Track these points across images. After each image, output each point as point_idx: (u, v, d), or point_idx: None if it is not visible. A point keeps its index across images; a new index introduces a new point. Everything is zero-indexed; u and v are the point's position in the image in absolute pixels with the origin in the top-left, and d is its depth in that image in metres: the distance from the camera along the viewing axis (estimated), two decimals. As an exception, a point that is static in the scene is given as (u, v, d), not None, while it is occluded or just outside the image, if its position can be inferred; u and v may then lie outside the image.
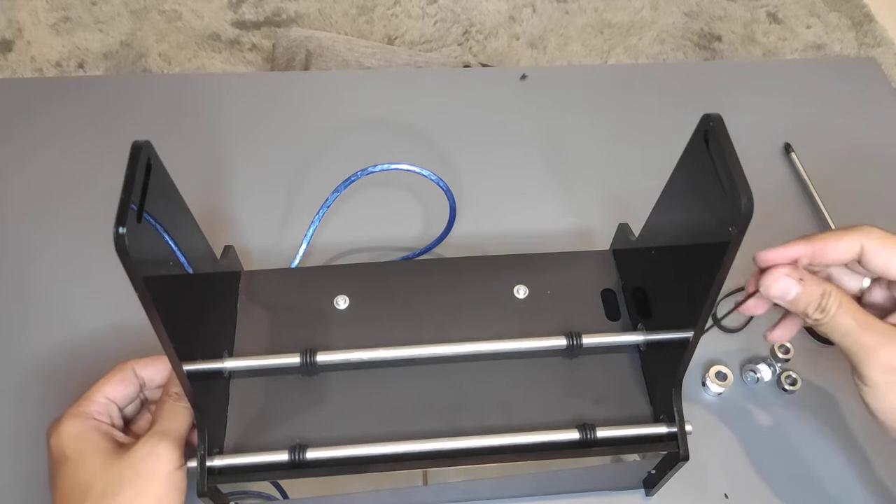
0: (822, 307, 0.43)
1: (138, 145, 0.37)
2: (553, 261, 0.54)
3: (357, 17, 1.70)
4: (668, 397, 0.45)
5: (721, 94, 0.77)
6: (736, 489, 0.53)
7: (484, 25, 1.71)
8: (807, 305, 0.44)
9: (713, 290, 0.39)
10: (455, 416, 0.47)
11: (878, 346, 0.42)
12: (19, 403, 0.55)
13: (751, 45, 1.71)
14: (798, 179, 0.70)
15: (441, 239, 0.61)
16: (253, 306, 0.52)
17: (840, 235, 0.44)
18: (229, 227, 0.65)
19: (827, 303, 0.43)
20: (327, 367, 0.49)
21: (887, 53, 1.73)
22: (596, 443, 0.45)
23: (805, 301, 0.44)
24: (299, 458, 0.44)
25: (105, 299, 0.59)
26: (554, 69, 1.25)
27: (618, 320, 0.52)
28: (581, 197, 0.68)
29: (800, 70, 0.82)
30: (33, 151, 0.70)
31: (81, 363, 0.55)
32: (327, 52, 1.26)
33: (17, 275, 0.62)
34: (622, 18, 1.74)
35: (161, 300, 0.37)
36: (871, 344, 0.42)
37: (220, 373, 0.47)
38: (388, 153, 0.62)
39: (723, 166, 0.37)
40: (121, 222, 0.33)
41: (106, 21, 1.67)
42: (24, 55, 1.61)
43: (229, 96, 0.75)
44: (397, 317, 0.51)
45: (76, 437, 0.44)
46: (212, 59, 1.63)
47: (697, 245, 0.42)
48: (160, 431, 0.44)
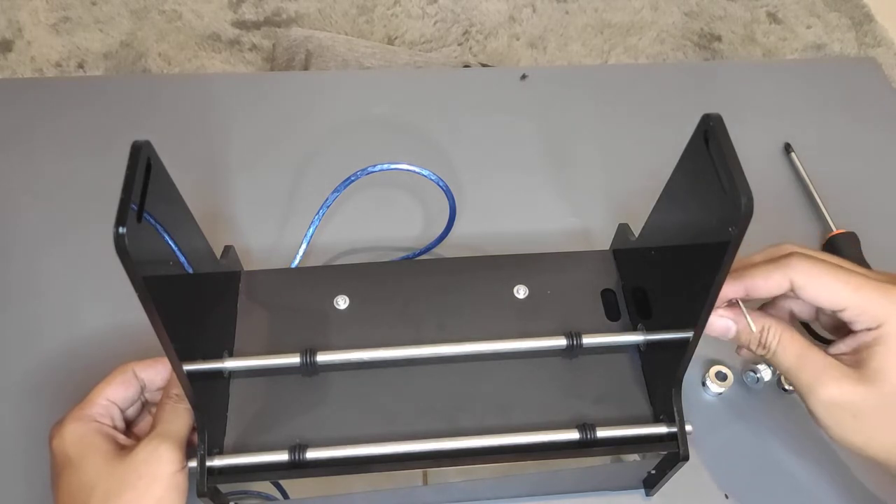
0: (762, 343, 0.44)
1: (138, 145, 0.37)
2: (553, 261, 0.54)
3: (357, 17, 1.70)
4: (668, 397, 0.45)
5: (721, 94, 0.77)
6: (736, 489, 0.53)
7: (484, 25, 1.71)
8: (748, 342, 0.45)
9: (713, 290, 0.39)
10: (455, 416, 0.47)
11: (815, 383, 0.42)
12: (19, 404, 0.55)
13: (751, 45, 1.71)
14: (798, 179, 0.70)
15: (441, 239, 0.61)
16: (253, 306, 0.52)
17: (768, 271, 0.43)
18: (229, 227, 0.65)
19: (766, 338, 0.43)
20: (327, 367, 0.49)
21: (887, 53, 1.73)
22: (596, 443, 0.45)
23: (745, 339, 0.45)
24: (299, 458, 0.44)
25: (105, 299, 0.59)
26: (554, 69, 1.25)
27: (618, 320, 0.52)
28: (581, 197, 0.68)
29: (800, 70, 0.82)
30: (33, 151, 0.70)
31: (82, 364, 0.55)
32: (327, 52, 1.26)
33: (17, 275, 0.62)
34: (622, 18, 1.74)
35: (161, 300, 0.37)
36: (809, 382, 0.42)
37: (220, 373, 0.47)
38: (388, 153, 0.62)
39: (723, 166, 0.37)
40: (121, 222, 0.33)
41: (106, 21, 1.67)
42: (24, 55, 1.61)
43: (229, 96, 0.75)
44: (397, 317, 0.51)
45: (78, 440, 0.44)
46: (212, 59, 1.63)
47: (697, 245, 0.42)
48: (161, 433, 0.44)
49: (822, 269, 0.42)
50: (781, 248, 0.45)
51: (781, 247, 0.45)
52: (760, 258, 0.45)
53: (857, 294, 0.41)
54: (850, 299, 0.41)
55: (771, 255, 0.45)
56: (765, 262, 0.44)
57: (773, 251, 0.45)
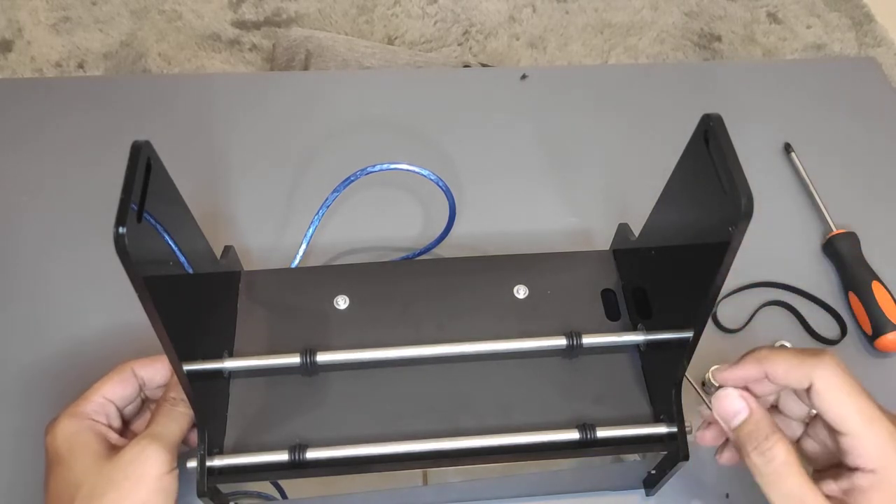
0: (763, 450, 0.40)
1: (138, 145, 0.37)
2: (553, 261, 0.54)
3: (357, 17, 1.70)
4: (668, 397, 0.45)
5: (721, 94, 0.77)
6: (736, 489, 0.53)
7: (484, 25, 1.71)
8: (749, 439, 0.40)
9: (713, 290, 0.39)
10: (455, 416, 0.47)
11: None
12: (19, 403, 0.55)
13: (751, 45, 1.71)
14: (798, 179, 0.70)
15: (441, 239, 0.61)
16: (253, 306, 0.52)
17: (796, 364, 0.40)
18: (229, 227, 0.65)
19: (771, 449, 0.39)
20: (327, 367, 0.49)
21: (887, 53, 1.73)
22: (596, 443, 0.45)
23: (749, 432, 0.40)
24: (299, 458, 0.44)
25: (105, 299, 0.59)
26: (554, 69, 1.25)
27: (618, 320, 0.52)
28: (581, 197, 0.68)
29: (800, 70, 0.82)
30: (33, 151, 0.70)
31: (81, 363, 0.55)
32: (327, 52, 1.26)
33: (17, 275, 0.62)
34: (622, 18, 1.74)
35: (161, 300, 0.37)
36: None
37: (220, 373, 0.47)
38: (388, 153, 0.62)
39: (723, 166, 0.37)
40: (121, 222, 0.33)
41: (106, 21, 1.67)
42: (24, 55, 1.61)
43: (229, 96, 0.75)
44: (397, 317, 0.51)
45: (70, 437, 0.44)
46: (212, 59, 1.63)
47: (697, 245, 0.42)
48: (151, 434, 0.44)
49: (847, 385, 0.39)
50: (817, 350, 0.42)
51: (818, 350, 0.42)
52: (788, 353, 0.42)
53: (866, 426, 0.39)
54: (857, 428, 0.39)
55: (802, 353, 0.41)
56: (793, 352, 0.41)
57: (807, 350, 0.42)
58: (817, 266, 0.64)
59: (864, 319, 0.59)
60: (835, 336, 0.60)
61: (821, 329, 0.60)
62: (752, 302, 0.61)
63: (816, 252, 0.65)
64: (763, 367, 0.42)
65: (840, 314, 0.61)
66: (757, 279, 0.62)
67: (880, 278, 0.60)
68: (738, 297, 0.61)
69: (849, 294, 0.61)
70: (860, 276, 0.61)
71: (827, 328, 0.60)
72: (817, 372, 0.40)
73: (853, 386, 0.40)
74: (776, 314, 0.61)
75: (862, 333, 0.60)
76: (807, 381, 0.40)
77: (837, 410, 0.39)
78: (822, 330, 0.60)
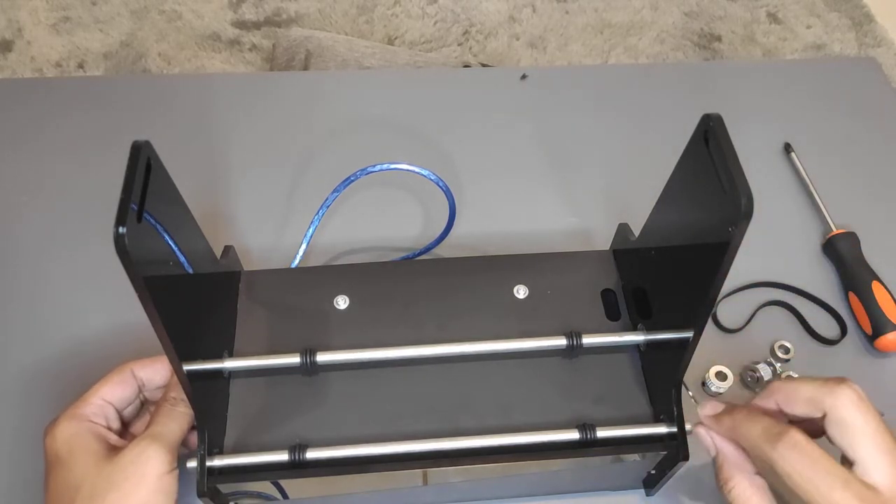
0: (727, 490, 0.43)
1: (138, 145, 0.37)
2: (553, 261, 0.54)
3: (357, 17, 1.70)
4: (669, 397, 0.45)
5: (721, 94, 0.77)
6: (736, 489, 0.53)
7: (484, 25, 1.71)
8: (717, 473, 0.44)
9: (713, 291, 0.39)
10: (455, 416, 0.47)
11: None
12: (19, 403, 0.55)
13: (751, 45, 1.71)
14: (798, 179, 0.70)
15: (441, 239, 0.61)
16: (253, 306, 0.52)
17: (813, 396, 0.41)
18: (229, 227, 0.65)
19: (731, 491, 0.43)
20: (327, 367, 0.49)
21: (887, 53, 1.73)
22: (596, 443, 0.45)
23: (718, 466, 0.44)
24: (299, 458, 0.44)
25: (105, 299, 0.59)
26: (554, 69, 1.25)
27: (618, 320, 0.52)
28: (581, 197, 0.68)
29: (800, 70, 0.82)
30: (33, 151, 0.70)
31: (81, 363, 0.55)
32: (327, 52, 1.26)
33: (17, 275, 0.62)
34: (622, 18, 1.74)
35: (161, 300, 0.37)
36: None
37: (220, 373, 0.47)
38: (388, 153, 0.62)
39: (723, 166, 0.37)
40: (121, 222, 0.33)
41: (106, 21, 1.67)
42: (24, 55, 1.61)
43: (229, 96, 0.75)
44: (397, 317, 0.51)
45: (69, 439, 0.43)
46: (212, 59, 1.63)
47: (697, 245, 0.42)
48: (151, 435, 0.44)
49: (865, 414, 0.40)
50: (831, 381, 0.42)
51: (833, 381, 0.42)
52: None
53: (880, 456, 0.39)
54: (869, 457, 0.39)
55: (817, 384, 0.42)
56: (812, 381, 0.42)
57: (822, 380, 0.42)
58: (817, 266, 0.64)
59: (864, 319, 0.59)
60: (835, 336, 0.60)
61: (821, 329, 0.60)
62: (751, 302, 0.61)
63: (816, 252, 0.65)
64: (775, 398, 0.43)
65: (840, 314, 0.61)
66: (757, 279, 0.62)
67: (880, 278, 0.60)
68: (738, 297, 0.61)
69: (849, 294, 0.61)
70: (860, 276, 0.61)
71: (827, 328, 0.60)
72: (829, 403, 0.40)
73: (873, 417, 0.40)
74: (776, 314, 0.61)
75: (862, 333, 0.60)
76: (820, 411, 0.41)
77: (849, 440, 0.40)
78: (822, 330, 0.60)
